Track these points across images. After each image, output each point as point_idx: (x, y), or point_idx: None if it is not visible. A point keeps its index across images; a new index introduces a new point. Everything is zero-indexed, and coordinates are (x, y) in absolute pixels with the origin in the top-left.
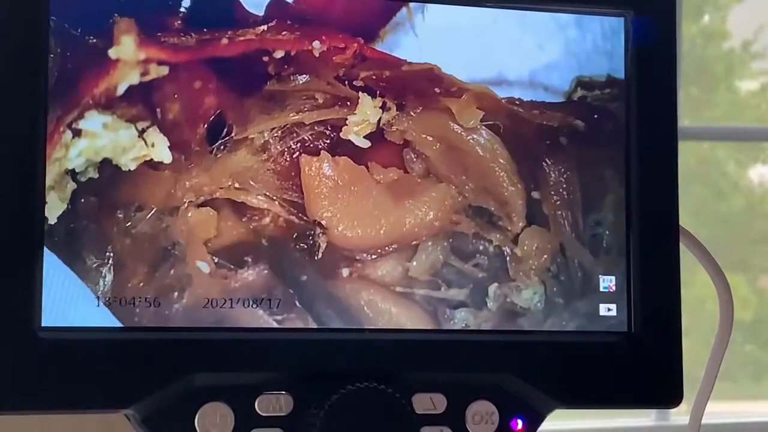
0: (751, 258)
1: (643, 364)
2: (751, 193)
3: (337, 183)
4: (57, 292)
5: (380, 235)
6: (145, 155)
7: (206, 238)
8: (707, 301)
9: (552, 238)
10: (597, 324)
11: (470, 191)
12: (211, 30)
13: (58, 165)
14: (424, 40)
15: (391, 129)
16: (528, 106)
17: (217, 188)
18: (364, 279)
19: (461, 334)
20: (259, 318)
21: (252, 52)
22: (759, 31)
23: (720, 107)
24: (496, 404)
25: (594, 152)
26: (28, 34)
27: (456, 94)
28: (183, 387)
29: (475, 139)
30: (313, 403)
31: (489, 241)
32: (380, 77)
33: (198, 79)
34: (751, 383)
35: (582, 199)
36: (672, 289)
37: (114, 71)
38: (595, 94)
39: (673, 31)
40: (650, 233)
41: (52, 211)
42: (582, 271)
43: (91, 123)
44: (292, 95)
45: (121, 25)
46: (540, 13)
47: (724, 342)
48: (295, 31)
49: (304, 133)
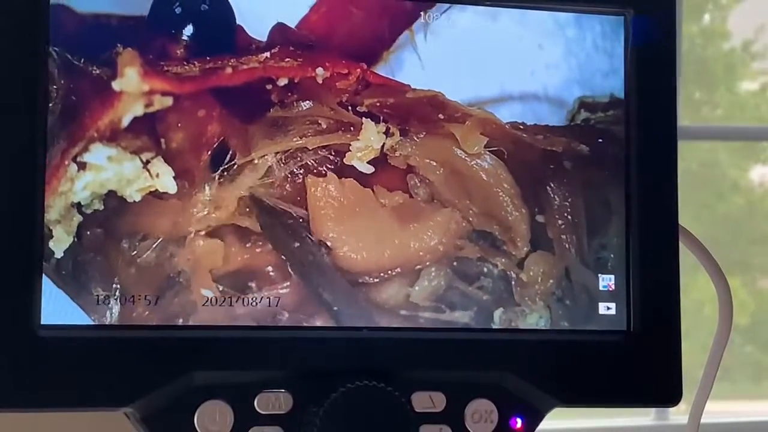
0: (751, 258)
1: (642, 362)
2: (751, 193)
3: (343, 204)
4: (57, 290)
5: (384, 258)
6: (150, 186)
7: (212, 266)
8: (706, 304)
9: (557, 262)
10: (596, 323)
11: (474, 216)
12: (214, 58)
13: (63, 198)
14: (427, 65)
15: (394, 154)
16: (532, 130)
17: (223, 215)
18: (369, 302)
19: (460, 332)
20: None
21: (256, 80)
22: (759, 31)
23: (720, 107)
24: (495, 403)
25: (598, 176)
26: (27, 64)
27: (460, 120)
28: (182, 385)
29: (479, 165)
30: (312, 401)
31: (494, 264)
32: (384, 104)
33: (202, 108)
34: (750, 384)
35: (587, 222)
36: (671, 288)
37: (118, 103)
38: (598, 116)
39: (674, 30)
40: (650, 232)
41: (58, 244)
42: (587, 294)
43: (96, 156)
44: (295, 121)
45: (124, 57)
46: (539, 12)
47: (723, 341)
48: (298, 57)
49: (308, 158)
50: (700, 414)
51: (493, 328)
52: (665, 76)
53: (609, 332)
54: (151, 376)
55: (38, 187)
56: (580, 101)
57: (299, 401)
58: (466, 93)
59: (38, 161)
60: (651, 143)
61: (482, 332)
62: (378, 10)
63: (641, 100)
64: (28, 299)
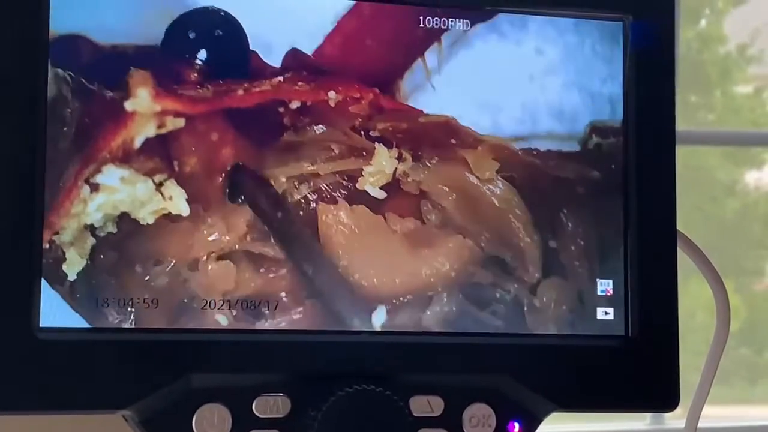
0: (745, 262)
1: (640, 367)
2: (746, 196)
3: (354, 231)
4: (55, 293)
5: (396, 284)
6: (163, 208)
7: (225, 290)
8: (698, 311)
9: (570, 287)
10: (594, 327)
11: (486, 241)
12: (227, 82)
13: (77, 220)
14: (439, 90)
15: (406, 179)
16: (545, 156)
17: (235, 240)
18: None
19: (458, 336)
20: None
21: (268, 102)
22: (755, 35)
23: (715, 111)
24: (493, 407)
25: (611, 201)
26: (28, 85)
27: (472, 146)
28: (181, 388)
29: (491, 190)
30: (310, 405)
31: (507, 290)
32: (397, 129)
33: (214, 130)
34: (746, 387)
35: (599, 247)
36: (669, 293)
37: (131, 123)
38: (610, 142)
39: (672, 35)
40: (648, 237)
41: (71, 267)
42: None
43: (109, 177)
44: (308, 145)
45: (136, 77)
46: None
47: (720, 346)
48: (311, 81)
49: (320, 183)
50: (697, 418)
51: (491, 333)
52: (664, 81)
53: (607, 337)
54: (149, 379)
55: (37, 193)
56: (591, 126)
57: (297, 405)
58: (478, 118)
59: (37, 168)
60: (649, 148)
61: (480, 336)
62: (393, 39)
63: (639, 105)
64: (26, 301)
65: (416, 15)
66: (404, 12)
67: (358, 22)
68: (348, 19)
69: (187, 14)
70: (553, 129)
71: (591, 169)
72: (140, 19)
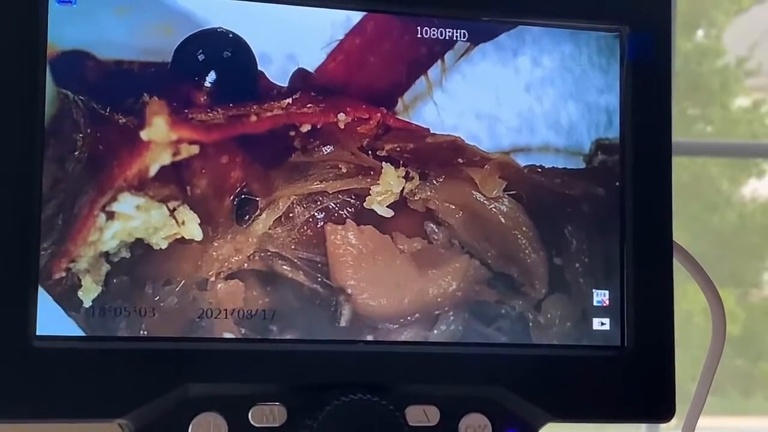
0: (743, 272)
1: (636, 378)
2: (744, 207)
3: (362, 252)
4: (52, 301)
5: (403, 304)
6: (176, 233)
7: (233, 308)
8: (695, 315)
9: (575, 303)
10: (590, 338)
11: (492, 258)
12: (238, 105)
13: (93, 248)
14: (445, 109)
15: (414, 198)
16: (550, 173)
17: (244, 258)
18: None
19: (455, 346)
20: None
21: (280, 127)
22: (753, 48)
23: (713, 123)
24: (489, 417)
25: (611, 215)
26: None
27: (479, 164)
28: (177, 397)
29: (497, 208)
30: (306, 414)
31: (512, 307)
32: (404, 148)
33: (226, 154)
34: (741, 398)
35: (603, 264)
36: (665, 304)
37: (147, 153)
38: (615, 159)
39: (669, 47)
40: (644, 248)
41: (87, 294)
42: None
43: (125, 205)
44: (316, 165)
45: (152, 107)
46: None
47: (716, 356)
48: (320, 102)
49: (328, 202)
50: (693, 429)
51: (486, 343)
52: (660, 92)
53: (603, 348)
54: (145, 388)
55: (34, 198)
56: (596, 143)
57: (293, 414)
58: (480, 132)
59: (35, 172)
60: (646, 159)
61: (476, 347)
62: (395, 57)
63: (636, 116)
64: (23, 309)
65: (415, 26)
66: (403, 24)
67: (361, 38)
68: (350, 36)
69: (196, 35)
70: (550, 140)
71: (596, 186)
72: (143, 33)
